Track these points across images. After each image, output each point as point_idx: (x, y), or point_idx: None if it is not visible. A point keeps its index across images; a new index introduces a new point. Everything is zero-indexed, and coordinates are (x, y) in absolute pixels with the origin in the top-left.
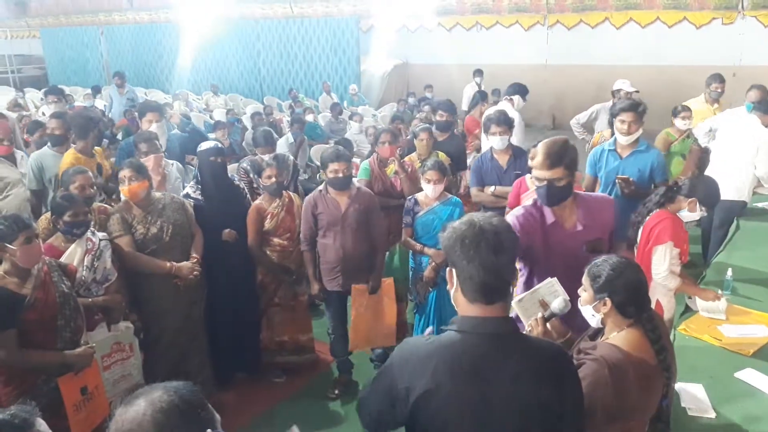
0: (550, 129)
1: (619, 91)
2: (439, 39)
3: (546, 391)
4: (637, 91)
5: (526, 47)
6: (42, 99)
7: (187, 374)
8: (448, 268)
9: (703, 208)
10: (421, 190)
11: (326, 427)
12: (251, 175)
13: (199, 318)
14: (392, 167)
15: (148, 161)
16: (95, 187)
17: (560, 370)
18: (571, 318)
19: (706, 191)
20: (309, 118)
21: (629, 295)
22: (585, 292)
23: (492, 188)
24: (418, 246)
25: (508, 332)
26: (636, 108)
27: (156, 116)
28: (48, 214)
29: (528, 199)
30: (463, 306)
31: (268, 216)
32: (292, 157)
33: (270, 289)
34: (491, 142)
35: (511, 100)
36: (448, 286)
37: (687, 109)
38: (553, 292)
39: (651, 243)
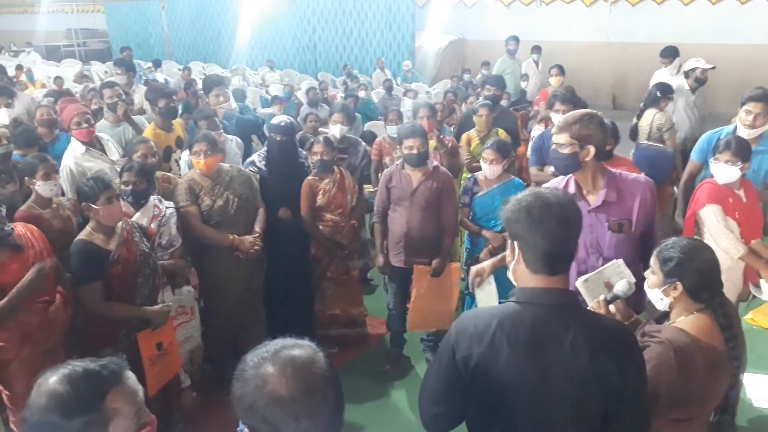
0: (611, 110)
1: (694, 70)
2: (496, 14)
3: (605, 366)
4: (713, 68)
5: (587, 24)
6: (106, 72)
7: (245, 343)
8: (509, 241)
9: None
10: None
11: (376, 399)
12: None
13: (259, 290)
14: (432, 142)
15: None
16: (157, 157)
17: (621, 346)
18: (630, 300)
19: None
20: (362, 94)
21: (702, 279)
22: (654, 275)
23: (552, 168)
24: (475, 227)
25: (568, 304)
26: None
27: (222, 90)
28: None
29: None
30: (525, 277)
31: (320, 192)
32: (363, 143)
33: (323, 263)
34: (554, 120)
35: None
36: (507, 259)
37: None
38: (619, 273)
39: (690, 211)
